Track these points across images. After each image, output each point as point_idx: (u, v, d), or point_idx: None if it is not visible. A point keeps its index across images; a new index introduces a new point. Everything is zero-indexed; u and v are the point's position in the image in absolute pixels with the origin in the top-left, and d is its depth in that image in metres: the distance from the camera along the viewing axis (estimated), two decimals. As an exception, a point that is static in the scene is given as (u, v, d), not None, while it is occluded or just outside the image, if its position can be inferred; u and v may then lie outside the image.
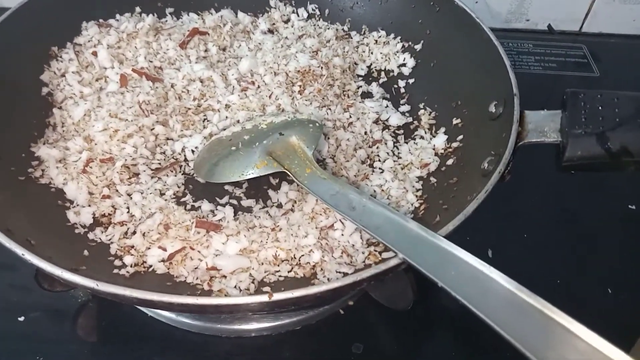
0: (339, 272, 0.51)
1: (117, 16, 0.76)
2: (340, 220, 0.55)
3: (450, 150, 0.64)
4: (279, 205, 0.61)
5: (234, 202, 0.61)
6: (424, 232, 0.44)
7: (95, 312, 0.64)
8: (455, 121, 0.66)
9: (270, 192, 0.62)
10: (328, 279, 0.51)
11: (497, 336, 0.37)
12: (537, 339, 0.37)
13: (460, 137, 0.64)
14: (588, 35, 1.08)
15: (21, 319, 0.62)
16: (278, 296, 0.41)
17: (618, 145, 0.50)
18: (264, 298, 0.41)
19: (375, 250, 0.54)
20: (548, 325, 0.37)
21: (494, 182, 0.49)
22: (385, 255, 0.52)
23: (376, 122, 0.70)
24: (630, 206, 0.75)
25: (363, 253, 0.54)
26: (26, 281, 0.62)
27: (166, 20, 0.79)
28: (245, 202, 0.61)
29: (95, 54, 0.70)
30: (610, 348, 0.35)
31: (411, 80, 0.76)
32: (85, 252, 0.53)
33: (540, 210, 0.75)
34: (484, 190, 0.49)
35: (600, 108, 0.53)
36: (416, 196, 0.60)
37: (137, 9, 0.78)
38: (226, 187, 0.62)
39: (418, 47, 0.77)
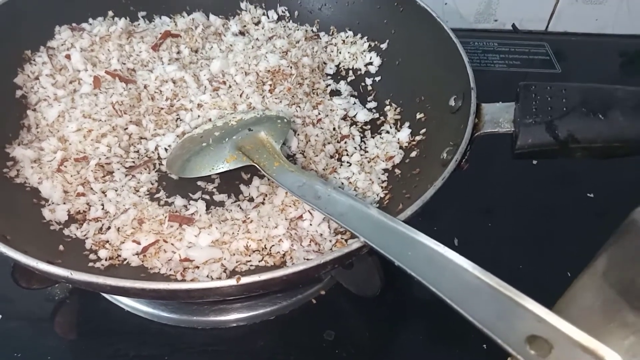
0: (307, 259, 0.53)
1: (90, 20, 0.78)
2: (309, 211, 0.58)
3: (414, 143, 0.67)
4: (250, 199, 0.63)
5: (207, 197, 0.63)
6: (383, 217, 0.47)
7: (73, 309, 0.66)
8: (418, 116, 0.69)
9: (242, 187, 0.64)
10: (296, 266, 0.53)
11: (464, 321, 0.39)
12: (488, 312, 0.39)
13: (423, 130, 0.67)
14: (552, 34, 1.12)
15: (-3, 318, 0.63)
16: (246, 280, 0.43)
17: (565, 133, 0.54)
18: (232, 282, 0.43)
19: (342, 239, 0.56)
20: (498, 299, 0.39)
21: (450, 170, 0.52)
22: (351, 241, 0.55)
23: (344, 118, 0.73)
24: (588, 194, 0.79)
25: (330, 241, 0.56)
26: (3, 281, 0.63)
27: (139, 24, 0.80)
28: (218, 197, 0.63)
29: (68, 57, 0.71)
30: (555, 318, 0.37)
31: (378, 78, 0.79)
32: (61, 247, 0.55)
33: (504, 200, 0.79)
34: (441, 177, 0.51)
35: (549, 99, 0.56)
36: (381, 187, 0.63)
37: (110, 13, 0.79)
38: (198, 182, 0.64)
39: (384, 46, 0.80)
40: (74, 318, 0.66)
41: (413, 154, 0.66)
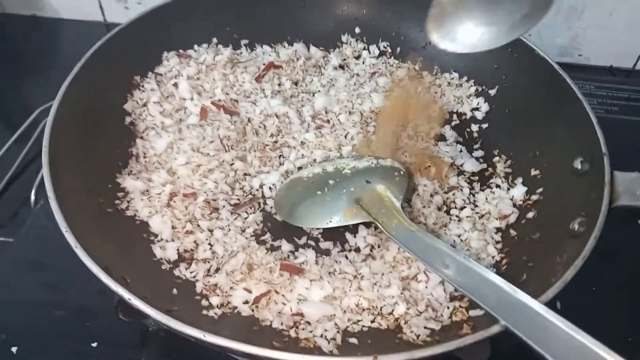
0: (426, 328, 0.51)
1: (195, 47, 0.78)
2: (424, 271, 0.55)
3: (529, 202, 0.64)
4: (357, 249, 0.61)
5: (312, 242, 0.61)
6: (527, 301, 0.44)
7: (164, 340, 0.65)
8: (533, 172, 0.66)
9: (348, 235, 0.62)
10: (415, 335, 0.51)
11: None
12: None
13: (540, 189, 0.64)
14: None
15: (94, 344, 0.63)
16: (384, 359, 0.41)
17: None
18: (369, 360, 0.41)
19: (460, 306, 0.53)
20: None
21: (591, 248, 0.49)
22: (472, 313, 0.52)
23: (451, 166, 0.70)
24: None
25: (448, 308, 0.53)
26: (99, 309, 0.63)
27: (241, 52, 0.80)
28: (323, 244, 0.61)
29: (176, 85, 0.71)
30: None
31: (485, 125, 0.75)
32: (175, 291, 0.54)
33: (610, 263, 0.74)
34: (582, 256, 0.48)
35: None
36: (497, 249, 0.60)
37: (214, 40, 0.79)
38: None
39: (493, 92, 0.76)
40: (164, 350, 0.65)
41: (530, 214, 0.62)
